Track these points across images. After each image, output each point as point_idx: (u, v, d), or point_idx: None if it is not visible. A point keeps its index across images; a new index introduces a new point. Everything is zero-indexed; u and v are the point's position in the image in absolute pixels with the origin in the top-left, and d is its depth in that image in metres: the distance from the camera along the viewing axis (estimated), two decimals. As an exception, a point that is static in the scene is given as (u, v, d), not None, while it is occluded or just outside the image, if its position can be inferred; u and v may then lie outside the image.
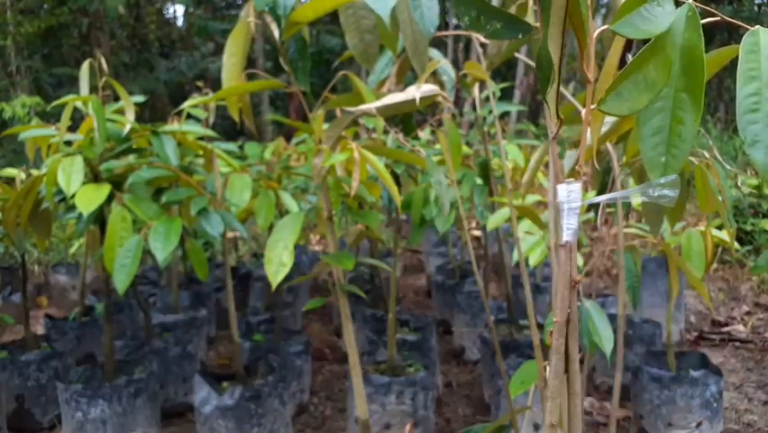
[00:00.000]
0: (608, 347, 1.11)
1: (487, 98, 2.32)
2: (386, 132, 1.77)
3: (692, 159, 1.19)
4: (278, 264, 1.35)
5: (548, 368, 0.54)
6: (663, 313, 2.46)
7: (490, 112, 2.24)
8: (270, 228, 1.96)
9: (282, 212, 2.15)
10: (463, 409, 2.27)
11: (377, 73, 1.50)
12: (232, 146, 2.47)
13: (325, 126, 1.44)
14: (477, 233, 4.15)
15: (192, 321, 2.54)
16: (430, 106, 1.91)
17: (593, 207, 1.37)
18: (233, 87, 1.31)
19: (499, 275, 3.34)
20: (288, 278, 1.44)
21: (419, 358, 2.15)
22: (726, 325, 2.94)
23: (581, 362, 1.05)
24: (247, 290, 3.36)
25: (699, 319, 3.04)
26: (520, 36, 0.58)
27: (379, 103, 1.12)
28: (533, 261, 1.81)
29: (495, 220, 1.81)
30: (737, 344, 2.71)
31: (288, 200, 2.09)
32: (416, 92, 1.10)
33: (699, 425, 1.82)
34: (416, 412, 1.93)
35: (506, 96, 7.89)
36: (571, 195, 0.49)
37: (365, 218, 1.41)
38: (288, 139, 4.48)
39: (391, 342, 2.00)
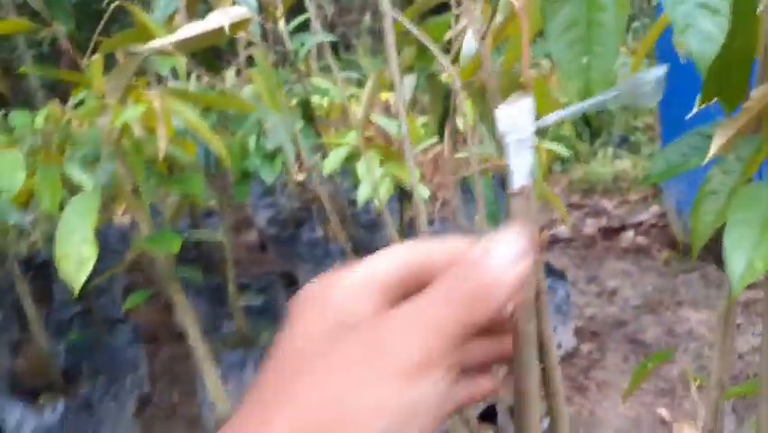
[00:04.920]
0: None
1: (297, 29, 2.08)
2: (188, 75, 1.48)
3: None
4: (77, 262, 1.05)
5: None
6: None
7: (303, 45, 2.02)
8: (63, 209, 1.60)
9: (72, 189, 1.77)
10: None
11: (162, 8, 1.20)
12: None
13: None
14: (300, 177, 3.97)
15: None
16: (232, 44, 1.65)
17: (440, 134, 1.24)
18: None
19: (341, 218, 3.20)
20: (94, 270, 1.14)
21: (270, 323, 1.98)
22: (549, 228, 3.12)
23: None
24: (49, 281, 2.86)
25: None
26: None
27: (175, 36, 0.86)
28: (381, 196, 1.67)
29: (333, 161, 1.63)
30: (562, 244, 2.89)
31: (77, 173, 1.71)
32: (223, 18, 0.85)
33: (554, 329, 1.87)
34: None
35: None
36: (516, 120, 0.31)
37: (183, 184, 1.14)
38: (65, 102, 3.82)
39: (237, 312, 1.82)
